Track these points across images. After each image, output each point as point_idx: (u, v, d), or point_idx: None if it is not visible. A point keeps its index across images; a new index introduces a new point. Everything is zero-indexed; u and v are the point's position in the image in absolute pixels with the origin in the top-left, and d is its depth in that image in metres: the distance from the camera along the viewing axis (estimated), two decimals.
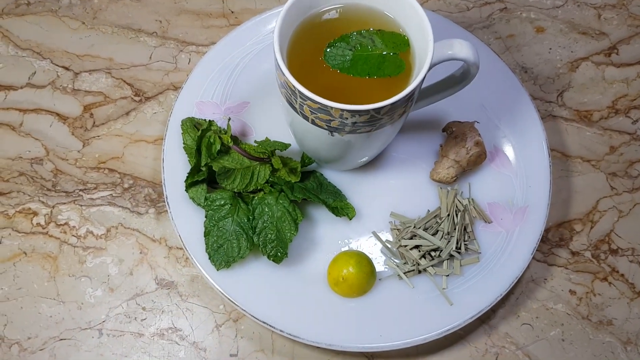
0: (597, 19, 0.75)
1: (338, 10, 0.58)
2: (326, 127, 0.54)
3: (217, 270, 0.59)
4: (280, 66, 0.52)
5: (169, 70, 0.71)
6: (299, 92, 0.51)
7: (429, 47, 0.53)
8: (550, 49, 0.74)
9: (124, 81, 0.71)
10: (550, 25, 0.75)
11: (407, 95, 0.51)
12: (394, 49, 0.56)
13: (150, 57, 0.72)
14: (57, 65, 0.71)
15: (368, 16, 0.58)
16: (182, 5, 0.75)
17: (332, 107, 0.51)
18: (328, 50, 0.56)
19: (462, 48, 0.55)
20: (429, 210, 0.64)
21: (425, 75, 0.53)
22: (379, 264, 0.62)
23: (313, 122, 0.54)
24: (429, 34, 0.53)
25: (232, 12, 0.75)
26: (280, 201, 0.61)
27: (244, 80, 0.68)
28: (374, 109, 0.51)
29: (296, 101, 0.53)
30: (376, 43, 0.56)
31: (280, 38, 0.53)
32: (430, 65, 0.53)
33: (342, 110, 0.51)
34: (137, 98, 0.70)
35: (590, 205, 0.67)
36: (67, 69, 0.71)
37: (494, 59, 0.69)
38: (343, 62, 0.56)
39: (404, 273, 0.61)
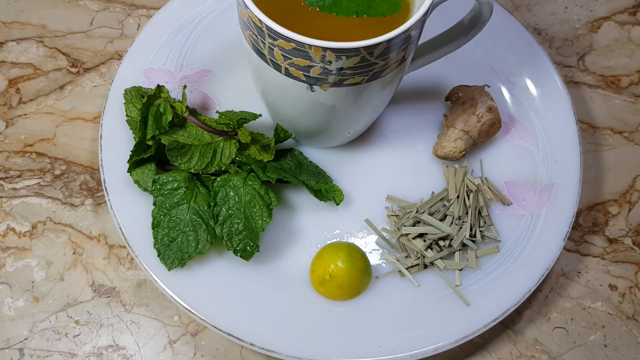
0: None
1: None
2: (304, 79, 0.42)
3: (169, 270, 0.47)
4: None
5: (113, 38, 0.59)
6: (267, 27, 0.39)
7: None
8: (566, 7, 0.63)
9: (59, 50, 0.58)
10: None
11: (408, 28, 0.40)
12: None
13: (92, 23, 0.60)
14: None
15: None
16: None
17: (311, 46, 0.39)
18: None
19: None
20: (433, 193, 0.52)
21: (429, 8, 0.41)
22: (375, 259, 0.50)
23: (287, 73, 0.42)
24: None
25: None
26: (249, 182, 0.49)
27: (205, 44, 0.56)
28: (365, 48, 0.39)
29: (264, 45, 0.41)
30: None
31: None
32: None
33: (325, 49, 0.39)
34: (74, 70, 0.58)
35: (627, 183, 0.55)
36: None
37: (502, 13, 0.58)
38: None
39: (407, 268, 0.49)
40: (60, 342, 0.48)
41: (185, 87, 0.52)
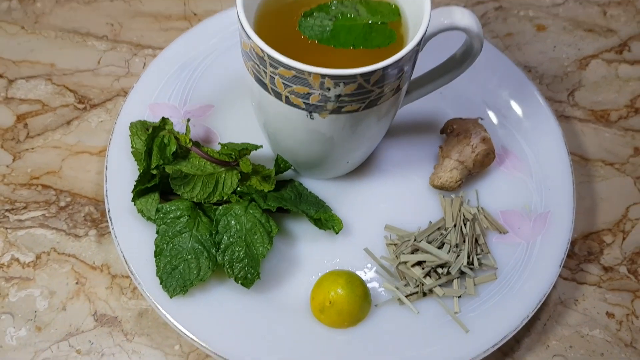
0: (602, 16, 0.68)
1: None
2: (304, 106, 0.44)
3: (171, 297, 0.47)
4: (245, 28, 0.42)
5: (120, 76, 0.61)
6: (269, 56, 0.41)
7: (425, 7, 0.44)
8: (555, 46, 0.66)
9: (67, 88, 0.60)
10: (552, 23, 0.67)
11: (401, 57, 0.42)
12: (382, 19, 0.47)
13: (99, 62, 0.62)
14: None
15: None
16: (137, 8, 0.66)
17: (310, 73, 0.41)
18: (304, 20, 0.47)
19: (463, 16, 0.46)
20: (430, 222, 0.53)
21: (422, 39, 0.43)
22: (375, 288, 0.50)
23: (288, 101, 0.44)
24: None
25: (195, 14, 0.66)
26: (251, 211, 0.50)
27: (208, 81, 0.58)
28: (362, 74, 0.41)
29: (266, 74, 0.43)
30: (360, 12, 0.47)
31: (244, 4, 0.44)
32: (427, 29, 0.44)
33: (323, 76, 0.41)
34: (80, 106, 0.59)
35: (620, 213, 0.56)
36: (0, 76, 0.61)
37: (493, 52, 0.60)
38: (322, 32, 0.46)
39: (406, 296, 0.50)
40: None
41: (189, 120, 0.54)
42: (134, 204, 0.50)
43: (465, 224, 0.52)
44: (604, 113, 0.62)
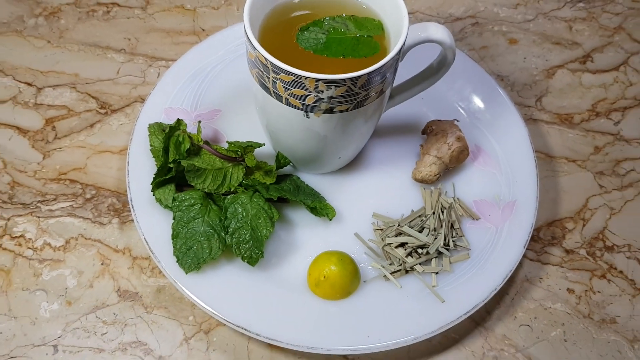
0: (568, 30, 0.76)
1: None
2: (301, 107, 0.51)
3: (186, 273, 0.54)
4: (252, 40, 0.50)
5: (136, 84, 0.69)
6: (271, 64, 0.49)
7: (404, 23, 0.52)
8: (525, 58, 0.73)
9: (89, 95, 0.68)
10: (523, 37, 0.75)
11: (383, 65, 0.49)
12: (368, 33, 0.55)
13: (118, 72, 0.70)
14: (19, 81, 0.68)
15: (340, 4, 0.57)
16: (151, 24, 0.73)
17: (306, 77, 0.48)
18: (300, 34, 0.54)
19: (437, 30, 0.54)
20: (412, 210, 0.60)
21: (400, 49, 0.51)
22: (363, 267, 0.57)
23: (287, 103, 0.51)
24: (404, 12, 0.52)
25: (204, 30, 0.74)
26: (255, 200, 0.57)
27: (216, 88, 0.66)
28: (350, 79, 0.48)
29: (269, 78, 0.51)
30: (349, 27, 0.55)
31: (250, 20, 0.52)
32: (405, 41, 0.51)
33: (318, 80, 0.48)
34: (102, 111, 0.67)
35: (581, 203, 0.64)
36: (29, 84, 0.68)
37: (468, 62, 0.68)
38: (316, 44, 0.54)
39: (391, 273, 0.57)
40: (90, 339, 0.55)
41: (200, 122, 0.61)
42: (153, 194, 0.57)
43: (442, 212, 0.59)
44: (568, 116, 0.69)
